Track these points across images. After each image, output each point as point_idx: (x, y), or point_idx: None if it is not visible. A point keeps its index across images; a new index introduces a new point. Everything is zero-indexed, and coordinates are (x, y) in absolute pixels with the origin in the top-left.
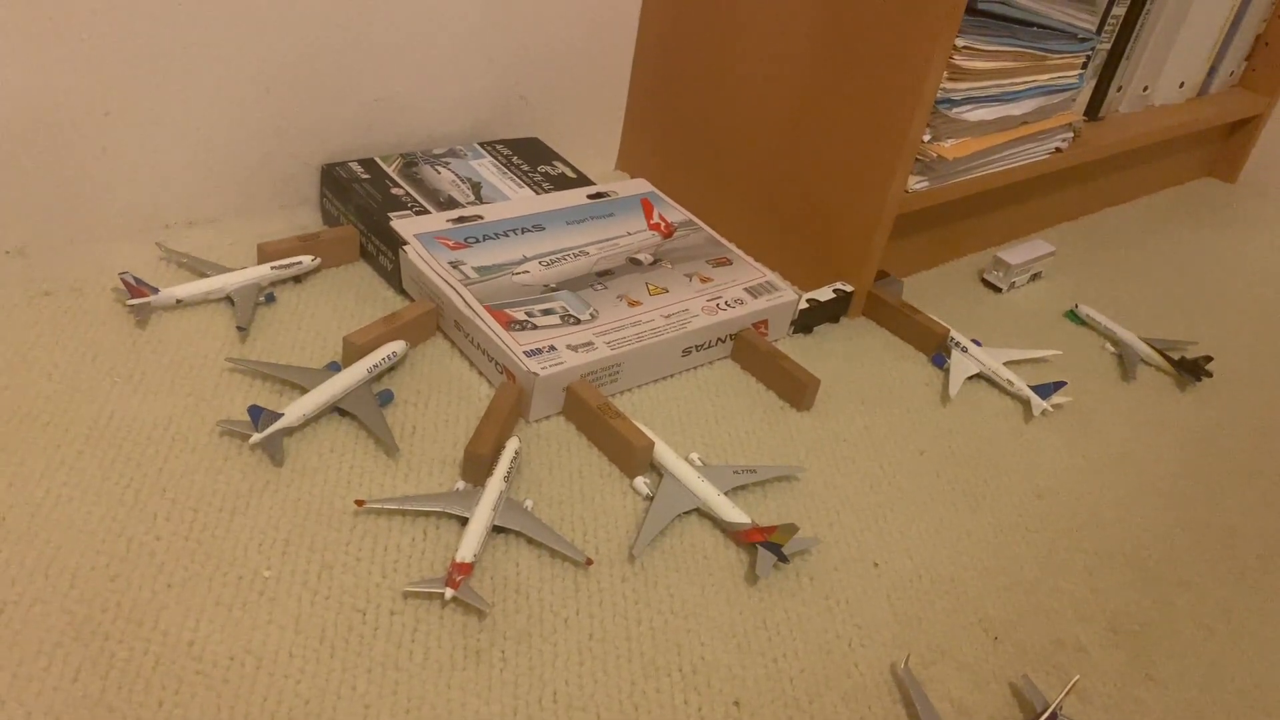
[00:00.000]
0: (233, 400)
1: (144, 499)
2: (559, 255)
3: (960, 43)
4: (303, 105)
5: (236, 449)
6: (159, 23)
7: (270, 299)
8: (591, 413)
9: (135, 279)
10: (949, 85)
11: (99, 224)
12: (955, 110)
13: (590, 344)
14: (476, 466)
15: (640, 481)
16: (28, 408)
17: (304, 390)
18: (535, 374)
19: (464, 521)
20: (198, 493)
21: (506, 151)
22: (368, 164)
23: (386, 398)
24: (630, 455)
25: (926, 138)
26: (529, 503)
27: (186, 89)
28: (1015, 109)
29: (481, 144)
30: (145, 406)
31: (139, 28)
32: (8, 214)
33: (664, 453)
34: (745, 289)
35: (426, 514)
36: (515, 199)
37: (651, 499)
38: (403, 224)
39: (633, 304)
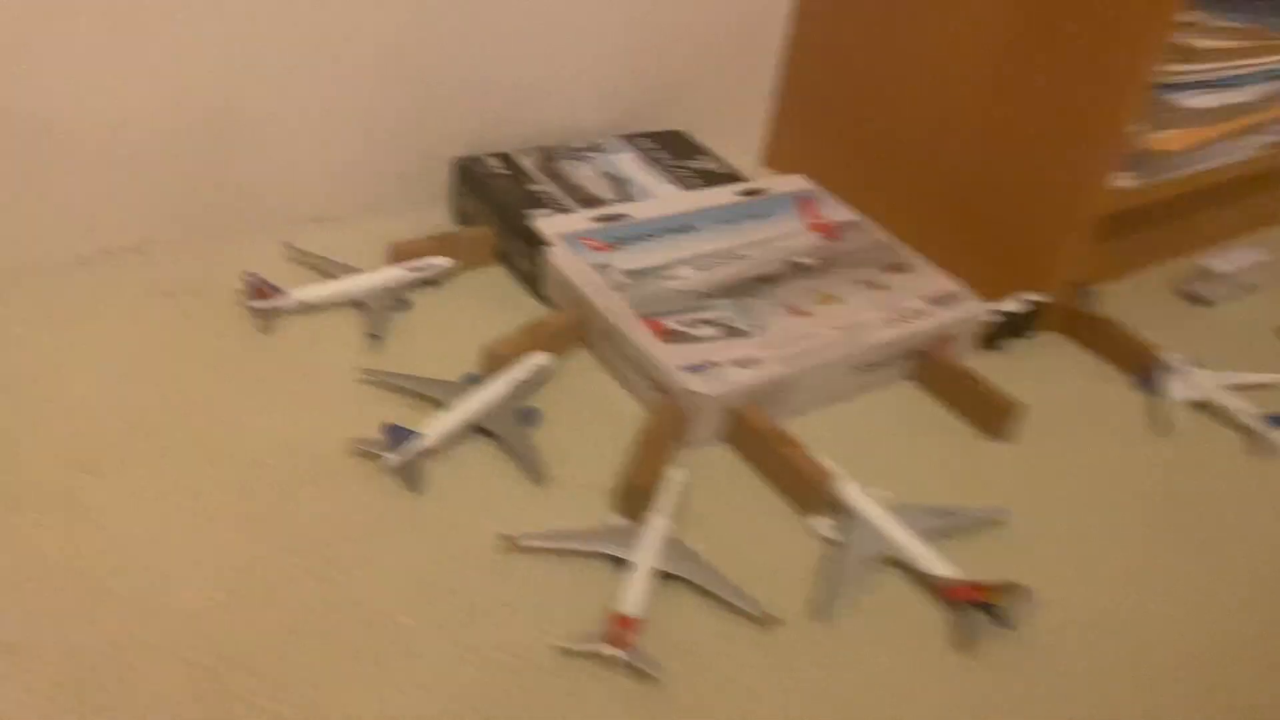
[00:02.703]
0: (364, 416)
1: (268, 529)
2: (714, 258)
3: (1187, 18)
4: (435, 96)
5: (370, 472)
6: (284, 8)
7: (403, 304)
8: (762, 440)
9: (260, 280)
10: (1170, 67)
11: (221, 221)
12: (1175, 96)
13: (757, 360)
14: (636, 500)
15: (822, 522)
16: (143, 421)
17: (440, 405)
18: (699, 394)
19: (623, 564)
20: (328, 522)
21: (650, 145)
22: (503, 158)
23: (531, 417)
24: (808, 491)
25: (1138, 128)
26: (699, 547)
27: (313, 79)
28: (1241, 95)
29: (623, 137)
30: (270, 422)
31: (263, 13)
32: (126, 209)
33: (850, 490)
34: (926, 299)
35: (582, 554)
36: (662, 196)
37: (835, 543)
38: (545, 223)
39: (800, 314)
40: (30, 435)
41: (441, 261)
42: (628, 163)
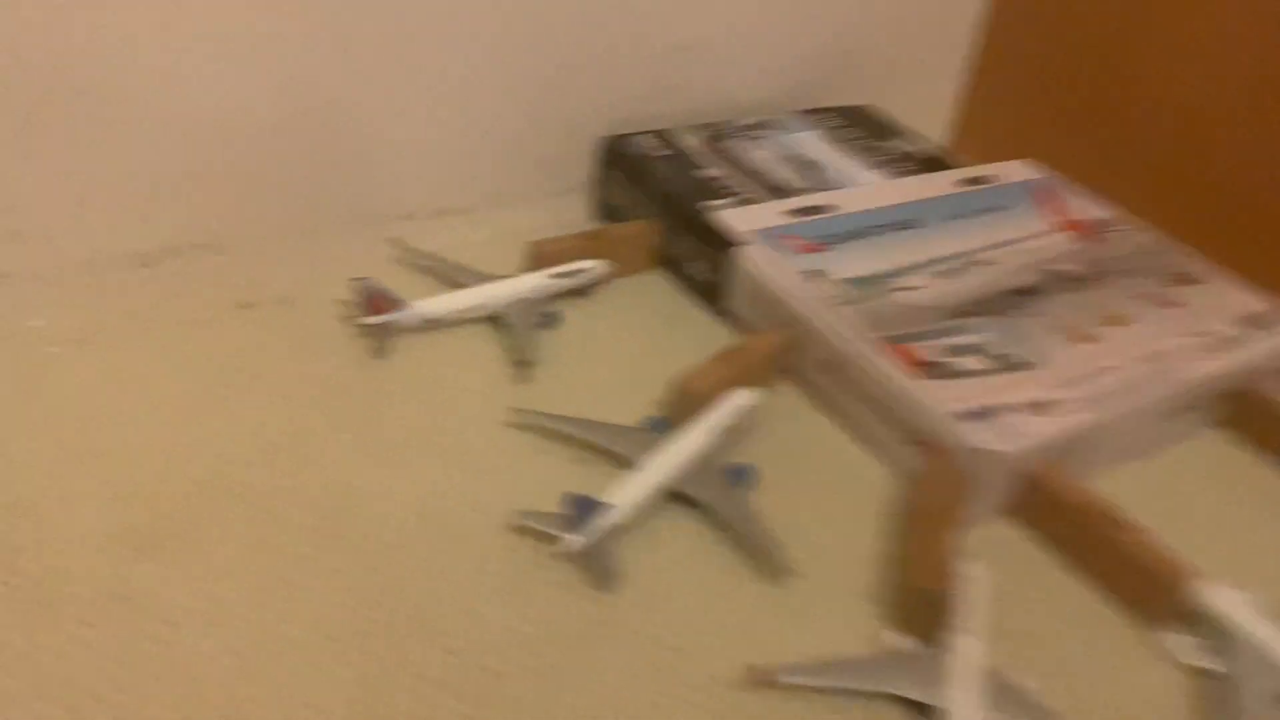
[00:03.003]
0: (521, 473)
1: (408, 646)
2: (954, 263)
3: None
4: (577, 61)
5: (536, 556)
6: None
7: (550, 319)
8: (1079, 518)
9: (374, 288)
10: None
11: (317, 211)
12: None
13: (1054, 403)
14: (921, 609)
15: (1181, 641)
16: (229, 482)
17: (623, 461)
18: (997, 451)
19: (928, 711)
20: (492, 636)
21: (836, 122)
22: (660, 137)
23: (741, 476)
24: (1155, 594)
25: None
26: (1031, 685)
27: (433, 43)
28: None
29: (801, 113)
30: (393, 481)
31: None
32: (198, 196)
33: (1222, 596)
34: (1234, 321)
35: (864, 694)
36: (870, 184)
37: (1210, 673)
38: (730, 217)
39: (1084, 340)
40: (68, 502)
41: (594, 265)
42: (813, 143)
